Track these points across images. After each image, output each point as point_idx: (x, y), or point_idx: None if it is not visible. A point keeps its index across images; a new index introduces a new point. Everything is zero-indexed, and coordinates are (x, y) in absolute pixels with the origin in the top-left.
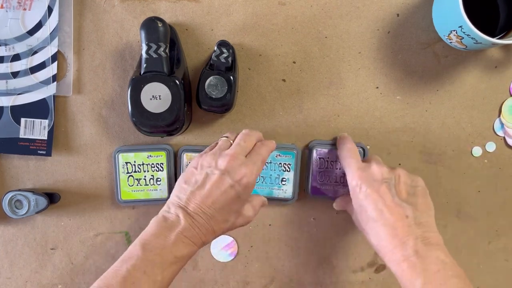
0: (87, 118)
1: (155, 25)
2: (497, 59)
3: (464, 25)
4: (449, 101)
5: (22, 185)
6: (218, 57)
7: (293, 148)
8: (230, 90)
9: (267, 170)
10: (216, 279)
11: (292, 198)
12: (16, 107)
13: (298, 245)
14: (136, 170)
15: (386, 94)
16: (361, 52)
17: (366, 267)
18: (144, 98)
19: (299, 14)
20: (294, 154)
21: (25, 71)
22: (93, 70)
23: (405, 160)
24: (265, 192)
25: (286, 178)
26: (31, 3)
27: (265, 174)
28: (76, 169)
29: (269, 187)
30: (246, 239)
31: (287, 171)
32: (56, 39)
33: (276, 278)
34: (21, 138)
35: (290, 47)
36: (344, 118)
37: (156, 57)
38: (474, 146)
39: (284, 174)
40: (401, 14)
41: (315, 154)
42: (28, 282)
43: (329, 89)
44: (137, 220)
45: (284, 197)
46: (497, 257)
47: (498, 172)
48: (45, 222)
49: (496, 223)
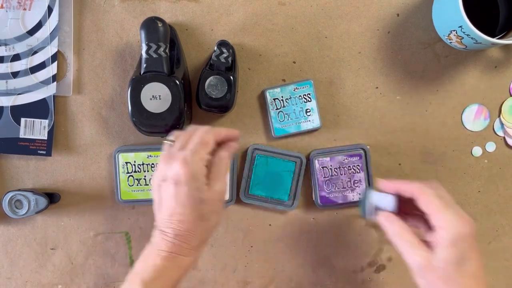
0: (87, 118)
1: (155, 25)
2: (497, 59)
3: (464, 25)
4: (449, 101)
5: (22, 185)
6: (218, 57)
7: (308, 79)
8: (230, 90)
9: (289, 106)
10: (216, 279)
11: (320, 125)
12: (16, 107)
13: (298, 245)
14: (136, 170)
15: (386, 94)
16: (361, 52)
17: (366, 267)
18: (144, 98)
19: (299, 14)
20: (311, 83)
21: (25, 71)
22: (93, 70)
23: (405, 160)
24: (293, 128)
25: (310, 108)
26: (31, 3)
27: (288, 110)
28: (76, 169)
29: (295, 122)
30: (246, 239)
31: (309, 101)
32: (56, 39)
33: (276, 278)
34: (21, 138)
35: (290, 47)
36: (344, 118)
37: (156, 57)
38: (474, 146)
39: (307, 105)
40: (401, 14)
41: (318, 164)
42: (28, 282)
43: (329, 89)
44: (137, 220)
45: (313, 127)
46: (497, 257)
47: (498, 172)
48: (45, 222)
49: (496, 223)
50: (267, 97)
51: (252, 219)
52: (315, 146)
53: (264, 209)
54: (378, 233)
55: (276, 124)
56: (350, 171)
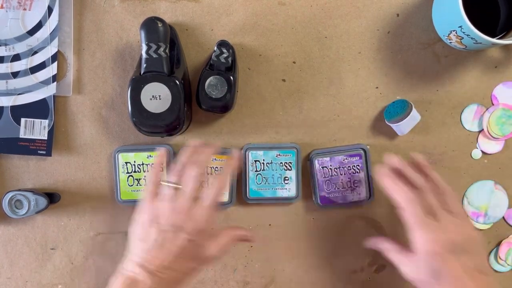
0: (87, 118)
1: (155, 25)
2: (497, 59)
3: (464, 25)
4: (449, 101)
5: (22, 185)
6: (218, 57)
7: (293, 147)
8: (230, 90)
9: (268, 170)
10: (216, 279)
11: (297, 196)
12: (16, 107)
13: (298, 245)
14: (136, 170)
15: (386, 94)
16: (361, 52)
17: (366, 267)
18: (144, 98)
19: (299, 14)
20: (295, 152)
21: (25, 71)
22: (93, 70)
23: (405, 160)
24: (268, 193)
25: (288, 177)
26: (31, 3)
27: (267, 174)
28: (76, 169)
29: (272, 187)
30: None
31: (289, 169)
32: (56, 39)
33: (276, 278)
34: (21, 138)
35: (290, 47)
36: (344, 118)
37: (156, 57)
38: (474, 147)
39: (286, 173)
40: (401, 14)
41: (317, 164)
42: (28, 282)
43: (329, 89)
44: None
45: (288, 196)
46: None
47: (498, 172)
48: (45, 222)
49: (496, 223)
50: (249, 158)
51: (252, 219)
52: (315, 146)
53: (264, 209)
54: (378, 233)
55: (252, 185)
56: (350, 171)
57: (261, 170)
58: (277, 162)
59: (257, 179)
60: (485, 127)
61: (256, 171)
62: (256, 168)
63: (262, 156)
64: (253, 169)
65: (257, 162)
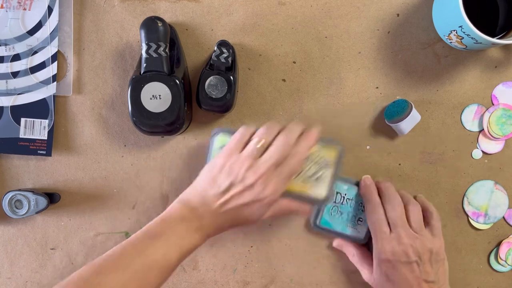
0: (87, 118)
1: (155, 25)
2: (497, 59)
3: (464, 25)
4: (449, 101)
5: (22, 185)
6: (218, 57)
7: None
8: (230, 90)
9: (346, 206)
10: (216, 279)
11: (364, 239)
12: (16, 107)
13: (298, 245)
14: None
15: (386, 94)
16: (361, 52)
17: None
18: (144, 98)
19: (299, 14)
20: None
21: (25, 71)
22: (93, 70)
23: (405, 160)
24: (339, 227)
25: (363, 219)
26: (31, 3)
27: (344, 209)
28: (76, 169)
29: (344, 224)
30: (246, 239)
31: (363, 210)
32: (56, 39)
33: (276, 278)
34: (21, 138)
35: (290, 47)
36: (344, 118)
37: (156, 57)
38: (474, 147)
39: (362, 214)
40: (401, 14)
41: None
42: (28, 282)
43: (329, 89)
44: (137, 220)
45: (357, 236)
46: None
47: (499, 172)
48: (45, 222)
49: (496, 223)
50: (334, 189)
51: None
52: None
53: None
54: None
55: (326, 215)
56: None
57: (339, 204)
58: (360, 201)
59: (333, 210)
60: (485, 127)
61: (334, 203)
62: (336, 200)
63: (345, 190)
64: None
65: (338, 194)
